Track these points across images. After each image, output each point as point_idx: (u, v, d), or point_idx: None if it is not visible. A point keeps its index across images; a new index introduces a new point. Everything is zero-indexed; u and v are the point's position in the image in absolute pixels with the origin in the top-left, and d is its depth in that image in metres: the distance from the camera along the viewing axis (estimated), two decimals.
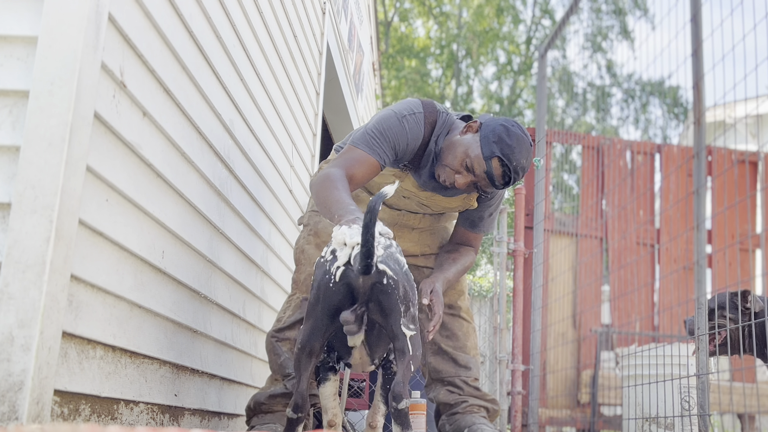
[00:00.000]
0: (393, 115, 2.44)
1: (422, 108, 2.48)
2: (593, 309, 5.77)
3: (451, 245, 2.75)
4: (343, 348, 2.03)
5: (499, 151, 2.34)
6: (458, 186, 2.42)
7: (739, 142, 9.99)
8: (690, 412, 3.63)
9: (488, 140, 2.36)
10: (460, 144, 2.42)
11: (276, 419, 2.60)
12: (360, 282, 1.84)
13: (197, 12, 2.48)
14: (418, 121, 2.45)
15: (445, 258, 2.67)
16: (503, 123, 2.39)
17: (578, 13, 20.07)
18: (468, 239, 2.74)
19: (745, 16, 2.73)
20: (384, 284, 1.84)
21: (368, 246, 1.75)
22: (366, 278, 1.83)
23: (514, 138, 2.36)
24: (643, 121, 21.23)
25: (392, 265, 1.87)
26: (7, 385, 1.61)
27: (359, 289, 1.85)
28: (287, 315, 2.72)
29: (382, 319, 1.88)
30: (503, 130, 2.37)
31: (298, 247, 2.78)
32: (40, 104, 1.72)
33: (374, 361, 2.08)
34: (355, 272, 1.82)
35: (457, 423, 2.67)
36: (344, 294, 1.86)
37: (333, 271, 1.85)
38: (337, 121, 6.40)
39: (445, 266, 2.61)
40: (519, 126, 2.41)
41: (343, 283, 1.85)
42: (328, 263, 1.89)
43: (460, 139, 2.43)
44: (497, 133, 2.36)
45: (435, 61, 21.57)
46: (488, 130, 2.38)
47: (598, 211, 6.01)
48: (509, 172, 2.37)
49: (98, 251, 1.92)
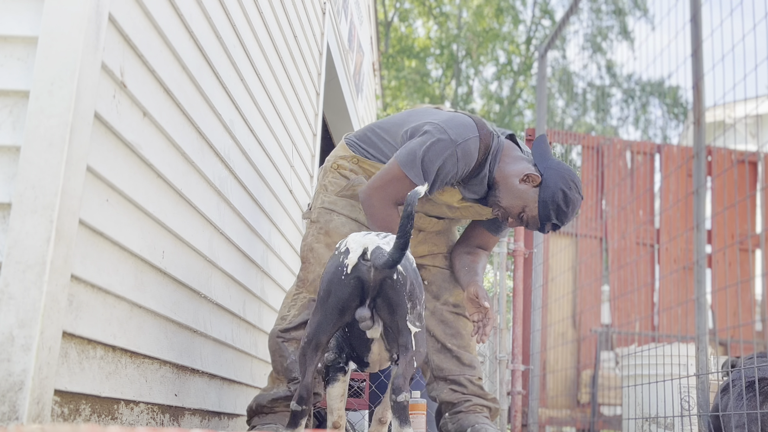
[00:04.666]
0: (449, 143, 2.44)
1: (477, 131, 2.49)
2: (593, 309, 5.76)
3: (470, 247, 2.79)
4: (362, 345, 2.04)
5: (555, 217, 2.49)
6: (509, 227, 2.64)
7: (738, 142, 9.98)
8: (690, 412, 3.63)
9: (546, 206, 2.48)
10: (519, 196, 2.51)
11: (277, 419, 2.59)
12: (371, 276, 1.86)
13: (197, 12, 2.48)
14: (474, 146, 2.48)
15: (469, 260, 2.74)
16: (563, 188, 2.48)
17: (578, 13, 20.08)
18: (488, 242, 2.81)
19: (744, 16, 2.73)
20: (393, 279, 1.87)
21: (406, 237, 1.77)
22: (377, 273, 1.85)
23: (571, 205, 2.49)
24: (643, 121, 21.23)
25: (403, 261, 1.89)
26: (7, 385, 1.61)
27: (370, 282, 1.87)
28: (292, 314, 2.66)
29: (389, 315, 1.89)
30: (562, 198, 2.47)
31: (307, 245, 2.71)
32: (40, 104, 1.72)
33: (392, 355, 2.08)
34: (370, 266, 1.85)
35: (459, 422, 2.67)
36: (354, 287, 1.88)
37: (346, 264, 1.88)
38: (337, 121, 6.40)
39: (474, 268, 2.70)
40: (577, 187, 2.51)
41: (354, 276, 1.87)
42: (341, 255, 1.92)
43: (519, 189, 2.51)
44: (556, 202, 2.47)
45: (435, 62, 21.56)
46: (548, 195, 2.48)
47: (597, 211, 6.01)
48: (558, 228, 2.55)
49: (98, 251, 1.92)
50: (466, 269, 2.67)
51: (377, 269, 1.85)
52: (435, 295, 2.78)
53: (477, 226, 2.79)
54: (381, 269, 1.85)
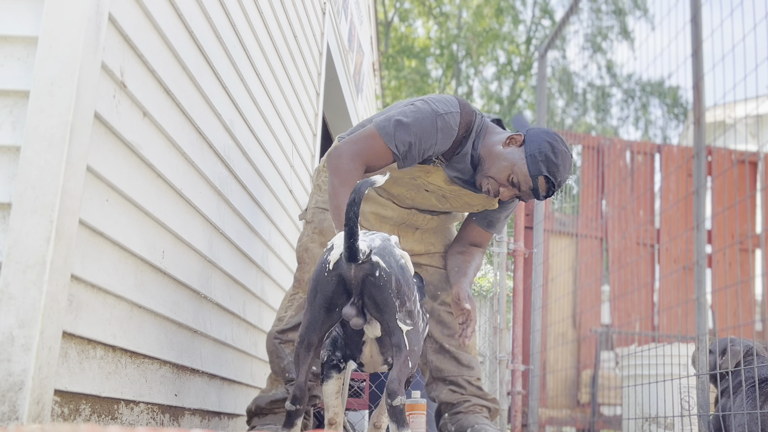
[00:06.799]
0: (429, 112, 2.41)
1: (459, 107, 2.46)
2: (593, 309, 5.77)
3: (463, 246, 2.75)
4: (355, 346, 2.04)
5: (546, 170, 2.38)
6: (501, 197, 2.47)
7: (739, 142, 9.98)
8: (690, 412, 3.63)
9: (535, 159, 2.38)
10: (505, 158, 2.43)
11: (277, 420, 2.60)
12: (352, 273, 1.85)
13: (197, 12, 2.48)
14: (453, 120, 2.43)
15: (460, 260, 2.68)
16: (549, 140, 2.40)
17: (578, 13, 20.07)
18: (481, 239, 2.75)
19: (745, 17, 2.74)
20: (376, 276, 1.84)
21: (350, 224, 1.75)
22: (357, 269, 1.84)
23: (560, 156, 2.40)
24: (643, 121, 21.23)
25: (387, 257, 1.87)
26: (7, 385, 1.61)
27: (351, 279, 1.85)
28: (289, 315, 2.69)
29: (377, 314, 1.88)
30: (549, 149, 2.39)
31: (302, 245, 2.73)
32: (40, 104, 1.72)
33: (387, 360, 2.08)
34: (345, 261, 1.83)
35: (459, 423, 2.67)
36: (336, 284, 1.87)
37: (329, 260, 1.88)
38: (337, 121, 6.40)
39: (464, 269, 2.63)
40: (563, 141, 2.44)
41: (336, 273, 1.86)
42: (326, 252, 1.91)
43: (504, 152, 2.44)
44: (544, 152, 2.38)
45: (435, 62, 21.57)
46: (534, 148, 2.39)
47: (598, 211, 6.01)
48: (554, 187, 2.42)
49: (98, 251, 1.92)
50: (456, 270, 2.64)
51: (356, 266, 1.84)
52: (432, 295, 2.78)
53: (469, 223, 2.76)
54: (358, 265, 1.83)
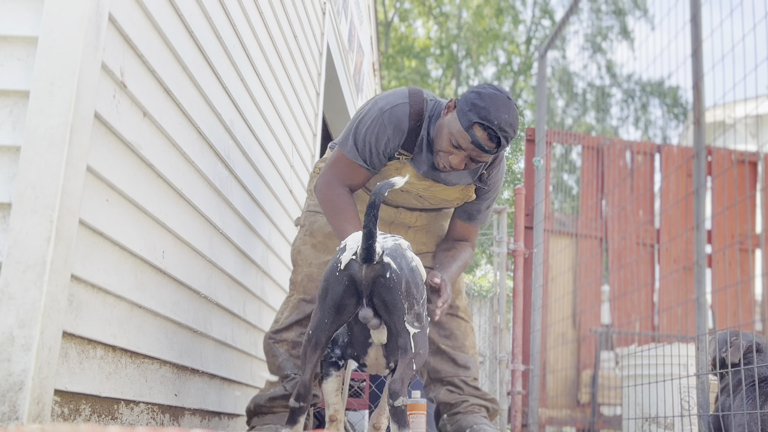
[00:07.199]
0: (375, 112, 2.47)
1: (408, 98, 2.49)
2: (593, 309, 5.77)
3: (448, 243, 2.74)
4: (361, 347, 2.04)
5: (477, 116, 2.30)
6: (455, 166, 2.40)
7: (738, 142, 9.98)
8: (690, 412, 3.63)
9: (463, 111, 2.34)
10: (443, 125, 2.42)
11: (276, 420, 2.60)
12: (363, 273, 1.85)
13: (197, 12, 2.48)
14: (401, 111, 2.46)
15: (444, 256, 2.66)
16: (475, 89, 2.38)
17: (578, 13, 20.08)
18: (465, 233, 2.73)
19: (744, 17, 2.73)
20: (387, 278, 1.85)
21: (370, 226, 1.76)
22: (368, 270, 1.84)
23: (487, 98, 2.32)
24: (643, 121, 21.23)
25: (398, 259, 1.87)
26: (7, 385, 1.61)
27: (361, 280, 1.86)
28: (284, 316, 2.71)
29: (386, 315, 1.89)
30: (475, 96, 2.34)
31: (295, 248, 2.78)
32: (40, 104, 1.72)
33: (390, 363, 2.07)
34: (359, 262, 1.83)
35: (458, 423, 2.68)
36: (347, 285, 1.87)
37: (340, 261, 1.89)
38: (337, 121, 6.40)
39: (446, 264, 2.59)
40: (492, 86, 2.38)
41: (347, 274, 1.87)
42: (339, 252, 1.92)
43: (442, 122, 2.44)
44: (470, 101, 2.34)
45: (435, 62, 21.56)
46: (462, 102, 2.37)
47: (598, 211, 6.01)
48: (495, 132, 2.31)
49: (98, 251, 1.92)
50: (438, 266, 2.62)
51: (368, 266, 1.84)
52: None
53: (453, 218, 2.77)
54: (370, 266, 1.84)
